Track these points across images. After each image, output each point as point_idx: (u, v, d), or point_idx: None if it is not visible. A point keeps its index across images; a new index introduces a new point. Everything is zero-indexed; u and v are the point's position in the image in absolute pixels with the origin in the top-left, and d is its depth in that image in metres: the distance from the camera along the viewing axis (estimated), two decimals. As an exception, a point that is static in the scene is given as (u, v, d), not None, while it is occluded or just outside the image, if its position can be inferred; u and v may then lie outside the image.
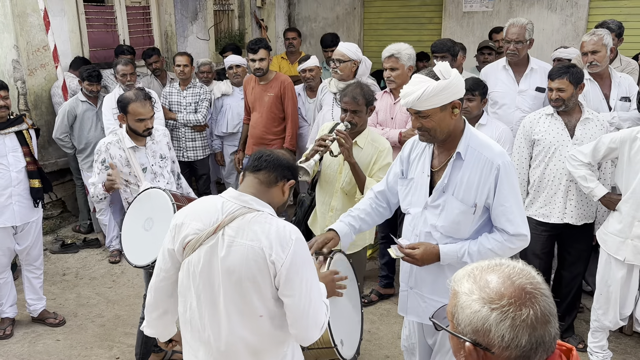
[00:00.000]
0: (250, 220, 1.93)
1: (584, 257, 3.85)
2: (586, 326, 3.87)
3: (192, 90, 5.62)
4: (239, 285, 1.92)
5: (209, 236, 1.94)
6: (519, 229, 2.38)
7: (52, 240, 5.65)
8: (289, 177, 2.06)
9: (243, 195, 1.99)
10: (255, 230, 1.91)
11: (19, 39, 5.36)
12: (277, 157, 2.05)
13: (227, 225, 1.93)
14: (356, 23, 8.58)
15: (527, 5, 7.24)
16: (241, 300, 1.94)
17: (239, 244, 1.91)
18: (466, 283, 1.25)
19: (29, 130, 3.97)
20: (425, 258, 2.44)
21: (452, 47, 4.51)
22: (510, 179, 2.38)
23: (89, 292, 4.75)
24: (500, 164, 2.36)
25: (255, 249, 1.89)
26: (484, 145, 2.41)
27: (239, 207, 1.96)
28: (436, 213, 2.46)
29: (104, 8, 6.41)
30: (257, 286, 1.92)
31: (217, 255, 1.93)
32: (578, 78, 3.53)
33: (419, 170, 2.52)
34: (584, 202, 3.66)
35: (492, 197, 2.38)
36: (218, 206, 1.99)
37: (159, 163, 3.56)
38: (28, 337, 4.09)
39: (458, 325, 1.24)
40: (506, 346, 1.17)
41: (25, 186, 3.92)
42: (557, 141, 3.61)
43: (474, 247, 2.41)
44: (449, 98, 2.30)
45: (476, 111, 3.91)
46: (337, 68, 4.32)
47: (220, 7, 7.98)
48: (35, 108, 5.60)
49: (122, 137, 3.46)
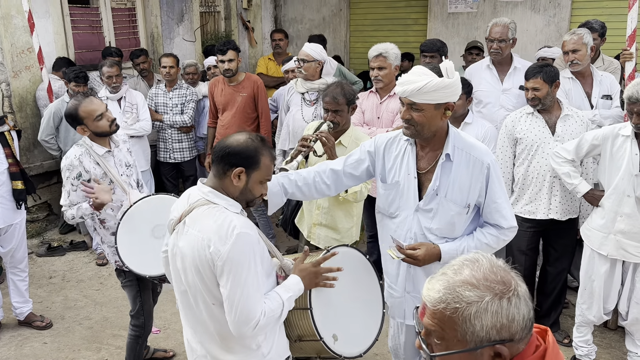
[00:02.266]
0: (204, 212, 2.01)
1: (568, 252, 3.90)
2: (571, 321, 3.92)
3: (178, 92, 5.62)
4: (190, 273, 2.03)
5: (176, 224, 2.09)
6: (511, 222, 2.45)
7: (38, 244, 5.61)
8: (236, 164, 2.00)
9: (204, 187, 2.07)
10: (202, 222, 1.99)
11: (3, 41, 5.32)
12: (223, 147, 2.04)
13: (187, 215, 2.04)
14: (342, 24, 8.61)
15: (511, 6, 7.33)
16: (195, 288, 2.05)
17: (190, 234, 2.01)
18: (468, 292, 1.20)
19: (11, 132, 3.93)
20: (427, 258, 2.41)
21: (442, 47, 4.56)
22: (499, 176, 2.44)
23: (76, 294, 4.72)
24: (490, 162, 2.39)
25: (199, 239, 1.97)
26: (470, 146, 2.42)
27: (199, 198, 2.05)
28: (429, 216, 2.44)
29: (89, 10, 6.38)
30: (202, 276, 2.00)
31: (176, 245, 2.08)
32: (552, 76, 3.59)
33: (404, 173, 2.47)
34: (568, 198, 3.71)
35: (484, 196, 2.40)
36: (186, 196, 2.13)
37: (126, 172, 3.32)
38: (15, 340, 4.06)
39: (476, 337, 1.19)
40: (524, 325, 1.20)
41: (7, 188, 3.89)
42: (539, 139, 3.66)
43: (472, 243, 2.44)
44: (445, 98, 2.29)
45: (461, 110, 3.94)
46: (301, 68, 4.38)
47: (206, 8, 7.97)
48: (20, 110, 5.56)
49: (90, 147, 3.17)
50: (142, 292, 3.35)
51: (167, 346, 3.93)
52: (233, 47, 4.95)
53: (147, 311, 3.39)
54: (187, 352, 2.29)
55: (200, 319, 2.11)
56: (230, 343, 2.10)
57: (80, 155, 3.14)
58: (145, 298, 3.37)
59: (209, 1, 8.04)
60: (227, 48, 4.91)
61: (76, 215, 3.16)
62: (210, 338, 2.12)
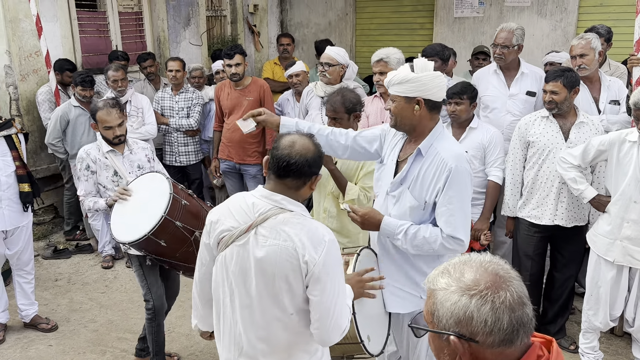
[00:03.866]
0: (283, 220, 1.95)
1: (576, 259, 3.88)
2: (578, 328, 3.89)
3: (184, 95, 5.63)
4: (271, 284, 1.95)
5: (241, 234, 1.98)
6: (455, 232, 2.44)
7: (44, 246, 5.63)
8: (315, 174, 2.03)
9: (274, 195, 1.99)
10: (287, 231, 1.93)
11: (12, 45, 5.36)
12: (301, 162, 1.96)
13: (260, 225, 1.96)
14: (348, 29, 8.62)
15: (518, 11, 7.32)
16: (274, 299, 1.97)
17: (272, 244, 1.93)
18: (442, 279, 1.27)
19: (18, 135, 3.96)
20: (366, 220, 2.54)
21: (442, 51, 4.54)
22: (460, 184, 2.44)
23: (81, 297, 4.73)
24: (453, 167, 2.42)
25: (289, 249, 1.91)
26: (444, 147, 2.48)
27: (271, 207, 1.98)
28: (393, 202, 2.59)
29: (97, 14, 6.42)
30: (289, 285, 1.95)
31: (250, 254, 1.96)
32: (572, 82, 3.56)
33: (390, 158, 2.65)
34: (575, 205, 3.69)
35: (439, 195, 2.46)
36: (249, 205, 2.01)
37: (135, 172, 3.55)
38: (20, 342, 4.07)
39: (439, 322, 1.25)
40: (489, 331, 1.19)
41: (14, 190, 3.91)
42: (552, 143, 3.65)
43: (412, 230, 2.49)
44: (414, 92, 2.41)
45: (465, 115, 3.93)
46: (325, 72, 4.36)
47: (212, 12, 8.00)
48: (28, 113, 5.59)
49: (100, 143, 3.53)
50: (147, 276, 3.49)
51: (172, 349, 3.93)
52: (240, 52, 4.97)
53: (155, 294, 3.51)
54: None
55: (268, 332, 2.01)
56: (296, 351, 2.06)
57: (89, 149, 3.51)
58: (152, 281, 3.50)
59: (216, 5, 8.08)
60: (234, 52, 4.93)
61: (92, 208, 3.50)
62: (274, 350, 2.04)
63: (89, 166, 3.48)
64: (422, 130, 2.50)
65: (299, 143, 1.99)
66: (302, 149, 1.97)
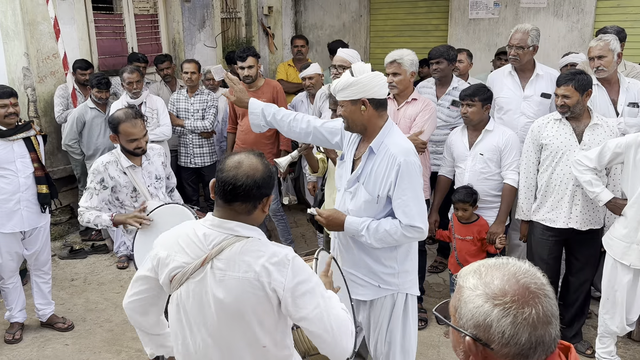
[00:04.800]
0: (241, 250, 1.81)
1: (591, 262, 3.84)
2: (594, 332, 3.85)
3: (199, 97, 5.67)
4: (238, 319, 1.84)
5: (195, 270, 1.83)
6: (413, 221, 2.63)
7: (60, 246, 5.69)
8: (266, 195, 1.88)
9: (226, 223, 1.85)
10: (247, 261, 1.79)
11: (30, 47, 5.43)
12: (249, 185, 1.82)
13: (215, 257, 1.82)
14: (362, 30, 8.62)
15: (533, 12, 7.27)
16: (242, 334, 1.86)
17: (232, 277, 1.80)
18: (471, 279, 1.27)
19: (37, 137, 4.01)
20: (331, 222, 2.76)
21: (446, 52, 4.53)
22: (411, 176, 2.62)
23: (97, 297, 4.78)
24: (402, 161, 2.60)
25: (251, 280, 1.78)
26: (395, 143, 2.66)
27: (224, 236, 1.84)
28: (350, 198, 2.78)
29: (113, 16, 6.48)
30: (259, 317, 1.83)
31: (208, 291, 1.83)
32: (584, 85, 3.53)
33: (348, 156, 2.84)
34: (590, 208, 3.65)
35: (393, 190, 2.63)
36: (200, 236, 1.86)
37: (154, 184, 3.48)
38: (37, 341, 4.12)
39: (460, 319, 1.26)
40: (506, 343, 1.19)
41: (33, 192, 3.96)
42: (565, 146, 3.62)
43: (374, 225, 2.67)
44: (357, 94, 2.59)
45: (477, 117, 3.91)
46: (339, 75, 4.36)
47: (227, 15, 8.04)
48: (45, 115, 5.66)
49: (119, 157, 3.36)
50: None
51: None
52: (253, 54, 5.00)
53: None
54: None
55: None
56: None
57: (107, 163, 3.32)
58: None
59: (230, 7, 8.12)
60: (246, 55, 4.97)
61: (92, 222, 3.30)
62: None
63: (103, 180, 3.33)
64: (373, 128, 2.69)
65: (245, 163, 1.84)
66: (249, 170, 1.83)
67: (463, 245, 4.00)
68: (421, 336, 4.07)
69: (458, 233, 4.03)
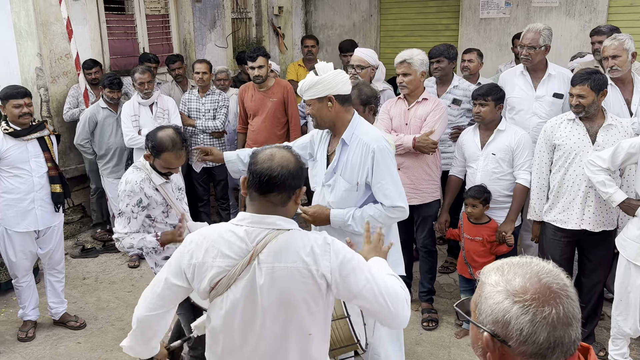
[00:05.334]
0: (285, 242, 1.85)
1: (604, 264, 3.81)
2: (607, 334, 3.83)
3: (210, 97, 5.68)
4: (289, 309, 1.86)
5: (243, 269, 1.84)
6: (394, 202, 2.82)
7: (72, 245, 5.73)
8: (298, 186, 1.93)
9: (266, 218, 1.88)
10: (293, 252, 1.84)
11: (43, 47, 5.47)
12: (284, 174, 1.86)
13: (260, 253, 1.84)
14: (373, 30, 8.61)
15: (545, 12, 7.22)
16: (290, 324, 1.88)
17: (281, 269, 1.83)
18: (494, 275, 1.27)
19: (51, 136, 4.05)
20: (317, 217, 2.92)
21: (447, 50, 4.55)
22: (386, 160, 2.81)
23: (108, 296, 4.81)
24: (376, 147, 2.78)
25: (300, 270, 1.83)
26: (365, 133, 2.84)
27: (267, 232, 1.87)
28: (329, 191, 2.92)
29: (125, 17, 6.52)
30: (308, 305, 1.86)
31: (259, 285, 1.84)
32: (599, 85, 3.49)
33: (320, 153, 3.00)
34: (603, 209, 3.63)
35: (371, 176, 2.80)
36: (241, 235, 1.87)
37: (178, 196, 3.32)
38: (50, 339, 4.15)
39: (480, 315, 1.26)
40: (523, 340, 1.18)
41: (47, 191, 3.99)
42: (578, 147, 3.59)
43: (358, 213, 2.84)
44: (323, 92, 2.76)
45: (489, 116, 3.90)
46: (358, 74, 4.35)
47: (238, 15, 8.06)
48: (58, 115, 5.71)
49: (150, 173, 3.09)
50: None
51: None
52: (263, 54, 5.01)
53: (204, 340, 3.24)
54: None
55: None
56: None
57: (141, 182, 3.04)
58: None
59: (241, 7, 8.14)
60: (256, 55, 4.98)
61: (136, 246, 3.07)
62: None
63: (141, 201, 3.05)
64: (342, 123, 2.86)
65: (278, 155, 1.90)
66: (282, 161, 1.88)
67: (471, 246, 3.99)
68: (432, 337, 4.07)
69: (467, 233, 4.02)
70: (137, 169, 3.10)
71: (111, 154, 5.38)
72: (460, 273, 4.18)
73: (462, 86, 4.62)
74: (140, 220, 3.10)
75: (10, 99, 3.79)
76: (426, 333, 4.11)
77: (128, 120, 5.17)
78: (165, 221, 3.18)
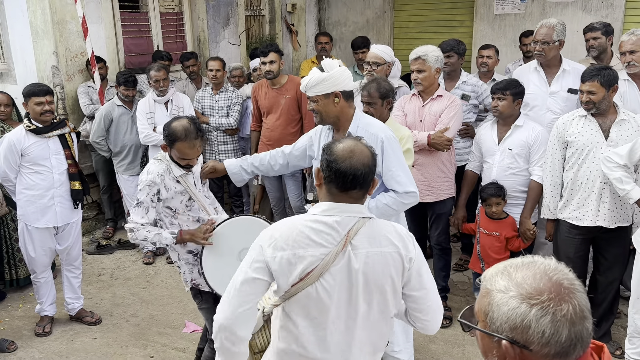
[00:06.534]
0: (373, 228, 1.92)
1: (620, 261, 3.76)
2: (623, 332, 3.79)
3: (224, 95, 5.70)
4: (380, 292, 1.93)
5: (337, 255, 1.87)
6: (407, 187, 2.87)
7: (88, 242, 5.79)
8: (373, 178, 1.98)
9: (353, 207, 1.92)
10: (385, 236, 1.92)
11: (59, 46, 5.53)
12: (366, 172, 1.90)
13: (352, 239, 1.88)
14: (386, 27, 8.58)
15: (561, 7, 7.14)
16: (380, 307, 1.95)
17: (375, 253, 1.90)
18: (501, 280, 1.23)
19: (71, 134, 4.10)
20: None
21: (457, 45, 4.51)
22: (394, 149, 2.88)
23: (123, 292, 4.86)
24: (384, 137, 2.85)
25: (393, 254, 1.92)
26: (369, 124, 2.92)
27: (356, 219, 1.91)
28: None
29: (139, 15, 6.56)
30: (395, 288, 1.95)
31: (352, 272, 1.88)
32: (610, 80, 3.45)
33: None
34: (618, 205, 3.58)
35: (382, 166, 2.83)
36: (331, 224, 1.88)
37: (201, 188, 3.29)
38: (66, 334, 4.20)
39: (492, 323, 1.22)
40: (546, 342, 1.16)
41: (66, 188, 4.05)
42: (591, 143, 3.55)
43: (373, 203, 2.86)
44: (330, 88, 2.82)
45: (508, 111, 3.88)
46: (374, 71, 4.33)
47: (251, 12, 8.08)
48: (73, 112, 5.77)
49: (170, 165, 3.06)
50: None
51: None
52: (275, 50, 5.00)
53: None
54: None
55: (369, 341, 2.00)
56: (378, 355, 2.09)
57: (163, 172, 3.02)
58: None
59: (254, 5, 8.15)
60: (269, 50, 4.97)
61: (150, 239, 3.03)
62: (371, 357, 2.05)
63: (160, 192, 3.02)
64: (346, 118, 2.93)
65: (357, 151, 1.91)
66: (362, 157, 1.90)
67: (487, 240, 3.97)
68: (446, 334, 4.06)
69: (484, 227, 3.99)
70: (159, 160, 3.09)
71: (126, 151, 5.43)
72: (472, 268, 4.17)
73: (470, 82, 4.59)
74: (154, 212, 3.06)
75: (33, 97, 3.85)
76: (440, 330, 4.08)
77: (143, 117, 5.21)
78: (188, 214, 3.12)
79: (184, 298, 4.62)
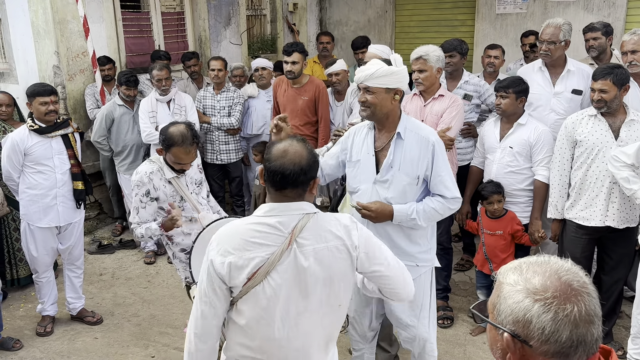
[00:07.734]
0: (318, 223, 1.95)
1: (625, 261, 3.75)
2: (626, 333, 3.78)
3: (225, 95, 5.69)
4: (329, 286, 1.97)
5: (282, 254, 1.89)
6: (454, 193, 2.84)
7: (89, 241, 5.78)
8: (313, 178, 1.98)
9: (292, 205, 1.93)
10: (329, 231, 1.96)
11: (60, 45, 5.52)
12: (296, 172, 1.89)
13: (298, 236, 1.90)
14: (388, 26, 8.57)
15: (563, 6, 7.13)
16: (328, 300, 2.00)
17: (322, 249, 1.94)
18: (512, 275, 1.25)
19: (74, 134, 4.10)
20: (379, 214, 2.81)
21: (459, 45, 4.49)
22: (443, 153, 2.84)
23: (125, 291, 4.85)
24: (435, 140, 2.80)
25: (339, 246, 1.96)
26: (418, 127, 2.86)
27: (299, 217, 1.93)
28: (385, 187, 2.84)
29: (140, 14, 6.55)
30: (345, 279, 2.00)
31: (299, 269, 1.91)
32: (622, 79, 3.44)
33: (364, 152, 2.89)
34: (627, 205, 3.57)
35: (430, 169, 2.80)
36: (273, 225, 1.91)
37: (195, 190, 3.38)
38: (67, 334, 4.20)
39: (498, 315, 1.24)
40: (545, 340, 1.16)
41: (69, 188, 4.05)
42: (601, 142, 3.53)
43: (420, 207, 2.82)
44: (394, 84, 2.74)
45: (510, 109, 3.88)
46: None
47: (252, 12, 8.07)
48: (75, 112, 5.76)
49: (162, 167, 3.16)
50: None
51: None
52: (300, 50, 4.97)
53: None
54: None
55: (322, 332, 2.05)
56: (331, 343, 2.15)
57: (150, 173, 3.13)
58: None
59: (256, 4, 8.14)
60: (292, 50, 4.94)
61: (145, 235, 3.17)
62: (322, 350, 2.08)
63: (149, 192, 3.15)
64: (394, 117, 2.83)
65: (290, 151, 1.92)
66: (295, 157, 1.91)
67: (492, 240, 3.97)
68: (447, 334, 4.05)
69: (487, 228, 3.99)
70: (151, 161, 3.21)
71: (128, 151, 5.42)
72: (480, 269, 4.16)
73: (472, 82, 4.57)
74: (150, 211, 3.19)
75: (37, 96, 3.86)
76: (441, 331, 4.09)
77: (145, 116, 5.20)
78: (181, 214, 3.18)
79: (185, 298, 4.61)
